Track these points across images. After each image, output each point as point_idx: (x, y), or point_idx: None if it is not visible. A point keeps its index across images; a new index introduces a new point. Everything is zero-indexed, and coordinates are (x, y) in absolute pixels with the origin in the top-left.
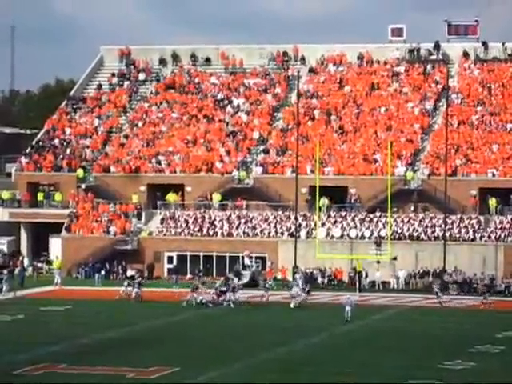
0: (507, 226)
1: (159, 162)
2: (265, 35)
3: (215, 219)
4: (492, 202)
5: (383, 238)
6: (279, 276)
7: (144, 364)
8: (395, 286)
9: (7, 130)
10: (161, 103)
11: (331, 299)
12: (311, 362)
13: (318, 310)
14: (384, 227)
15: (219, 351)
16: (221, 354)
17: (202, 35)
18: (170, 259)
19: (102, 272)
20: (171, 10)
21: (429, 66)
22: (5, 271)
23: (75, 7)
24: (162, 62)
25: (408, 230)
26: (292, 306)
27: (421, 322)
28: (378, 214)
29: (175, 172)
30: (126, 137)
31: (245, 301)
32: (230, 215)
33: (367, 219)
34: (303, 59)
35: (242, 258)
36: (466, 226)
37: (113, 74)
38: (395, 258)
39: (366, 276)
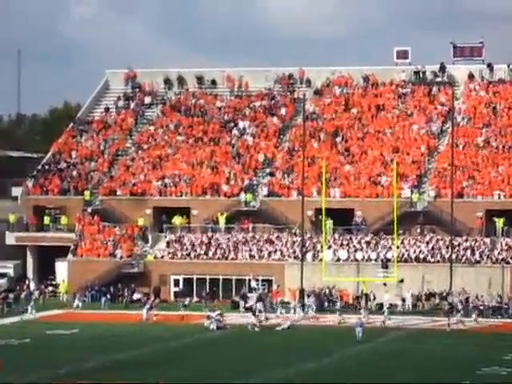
0: None
1: (165, 185)
2: (270, 58)
3: (221, 242)
4: (499, 222)
5: (390, 260)
6: (286, 299)
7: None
8: (402, 308)
9: (14, 154)
10: (166, 126)
11: (338, 321)
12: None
13: (324, 331)
14: (390, 249)
15: (227, 372)
16: (228, 375)
17: (207, 58)
18: (177, 282)
19: (108, 295)
20: (177, 32)
21: (434, 88)
22: (11, 295)
23: (81, 30)
24: (168, 84)
25: (414, 252)
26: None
27: (428, 344)
28: (384, 236)
29: (181, 195)
30: (132, 159)
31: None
32: (237, 238)
33: (373, 241)
34: (309, 81)
35: (249, 280)
36: (472, 248)
37: (118, 97)
38: (402, 281)
39: (374, 298)
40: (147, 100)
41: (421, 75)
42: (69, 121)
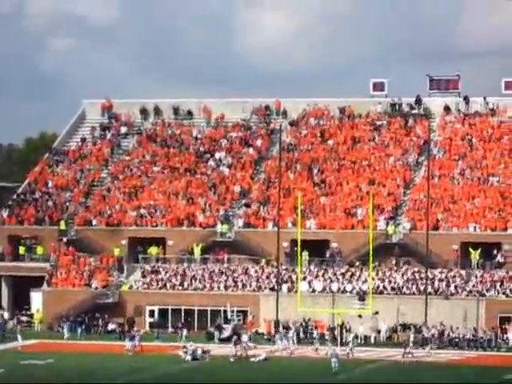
0: (489, 279)
1: (141, 215)
2: (247, 89)
3: (197, 273)
4: (474, 254)
5: (365, 291)
6: (260, 330)
7: None
8: (377, 340)
9: None
10: (143, 156)
11: (314, 353)
12: None
13: (301, 363)
14: (366, 281)
15: None
16: None
17: (183, 88)
18: (152, 313)
19: (83, 326)
20: (154, 63)
21: (410, 120)
22: None
23: (58, 62)
24: (144, 114)
25: (390, 283)
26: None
27: (402, 376)
28: (359, 267)
29: (157, 225)
30: (108, 190)
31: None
32: (212, 269)
33: (349, 273)
34: (285, 113)
35: (224, 311)
36: (447, 280)
37: (93, 128)
38: (377, 313)
39: (349, 330)
40: (123, 130)
41: (397, 107)
42: (45, 151)
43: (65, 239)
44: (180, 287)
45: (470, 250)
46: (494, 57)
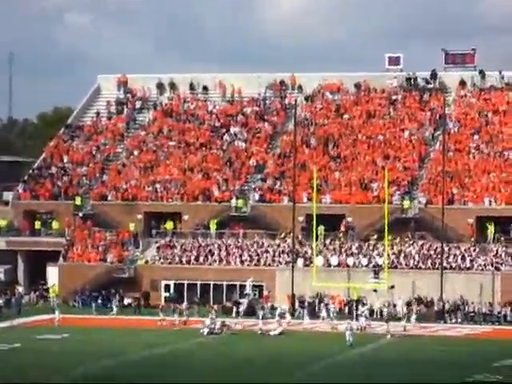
0: (504, 254)
1: (156, 190)
2: (262, 64)
3: (212, 247)
4: (490, 229)
5: (380, 266)
6: (276, 304)
7: None
8: (392, 314)
9: (5, 158)
10: (158, 131)
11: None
12: None
13: (315, 338)
14: (381, 256)
15: (214, 380)
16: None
17: (199, 63)
18: (167, 287)
19: (99, 300)
20: (168, 38)
21: (426, 95)
22: (0, 300)
23: (73, 36)
24: (160, 89)
25: (405, 258)
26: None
27: (417, 350)
28: (374, 242)
29: (172, 200)
30: (124, 165)
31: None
32: (228, 243)
33: (364, 248)
34: (300, 87)
35: (241, 286)
36: (463, 255)
37: (108, 103)
38: (393, 287)
39: (365, 304)
40: (139, 105)
41: (412, 82)
42: (60, 126)
43: (80, 214)
44: (195, 262)
45: (487, 224)
46: (510, 31)
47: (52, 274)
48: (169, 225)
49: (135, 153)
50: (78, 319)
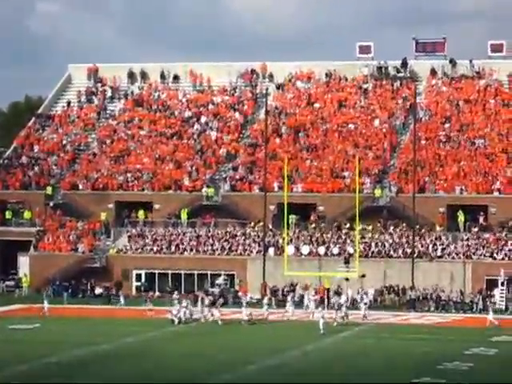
0: (475, 242)
1: (127, 180)
2: (233, 53)
3: (184, 237)
4: (461, 217)
5: (351, 255)
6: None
7: (113, 382)
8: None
9: None
10: (129, 121)
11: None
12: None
13: (287, 327)
14: (352, 244)
15: (187, 370)
16: (187, 374)
17: (170, 53)
18: (139, 277)
19: (70, 290)
20: (140, 27)
21: (397, 83)
22: None
23: (45, 26)
24: (131, 78)
25: (376, 246)
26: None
27: (389, 339)
28: (346, 231)
29: (143, 189)
30: (94, 154)
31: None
32: (199, 233)
33: (335, 236)
34: (271, 76)
35: (212, 275)
36: (434, 243)
37: (79, 92)
38: (363, 276)
39: (340, 294)
40: (109, 94)
41: (383, 70)
42: (30, 115)
43: (51, 204)
44: (167, 251)
45: (458, 213)
46: (480, 19)
47: (23, 263)
48: (140, 214)
49: (106, 142)
50: (49, 309)
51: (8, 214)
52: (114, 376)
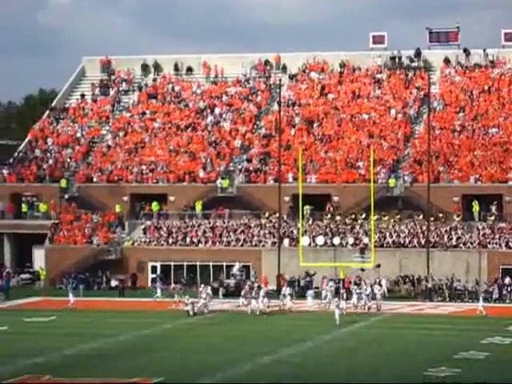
0: (490, 231)
1: (142, 172)
2: (246, 44)
3: (198, 228)
4: (476, 207)
5: (366, 245)
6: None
7: (128, 375)
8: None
9: None
10: (143, 113)
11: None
12: (294, 373)
13: (303, 318)
14: (367, 234)
15: (204, 362)
16: (205, 365)
17: (183, 45)
18: (154, 269)
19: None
20: (153, 20)
21: (410, 73)
22: None
23: (58, 18)
24: (144, 70)
25: (391, 237)
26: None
27: (404, 329)
28: (360, 221)
29: (158, 182)
30: (109, 147)
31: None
32: (214, 224)
33: (350, 227)
34: (285, 67)
35: (227, 266)
36: (449, 233)
37: (93, 85)
38: (379, 266)
39: (360, 284)
40: (123, 87)
41: (397, 60)
42: (44, 108)
43: (66, 196)
44: (182, 243)
45: (474, 202)
46: (493, 8)
47: (38, 256)
48: (155, 206)
49: (120, 134)
50: (65, 301)
51: (24, 208)
52: (128, 368)
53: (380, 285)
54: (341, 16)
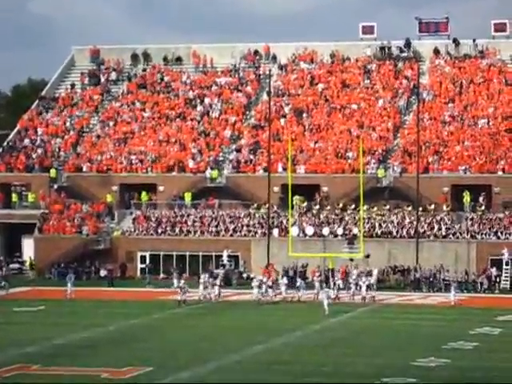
0: (479, 222)
1: (131, 162)
2: (236, 34)
3: (188, 218)
4: (466, 197)
5: (356, 235)
6: (252, 274)
7: (118, 364)
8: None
9: None
10: (132, 103)
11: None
12: (285, 361)
13: (294, 308)
14: (356, 225)
15: (193, 351)
16: (195, 354)
17: (173, 34)
18: (143, 259)
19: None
20: (143, 9)
21: (400, 64)
22: None
23: (47, 7)
24: (134, 60)
25: (380, 227)
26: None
27: (393, 319)
28: (350, 211)
29: (147, 172)
30: (98, 136)
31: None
32: (203, 214)
33: (339, 217)
34: (274, 57)
35: (217, 256)
36: (438, 223)
37: (83, 74)
38: (368, 256)
39: (348, 274)
40: (113, 76)
41: (386, 50)
42: (34, 97)
43: (56, 186)
44: (171, 233)
45: (464, 193)
46: None
47: (27, 246)
48: (144, 196)
49: (110, 124)
50: (54, 291)
51: (14, 197)
52: (118, 358)
53: (371, 275)
54: (330, 6)
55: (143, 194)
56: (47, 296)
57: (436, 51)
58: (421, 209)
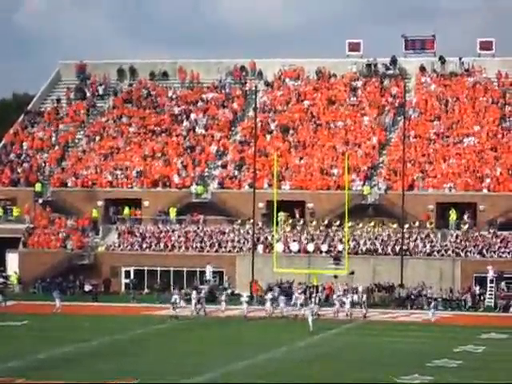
0: (464, 240)
1: (116, 177)
2: (222, 50)
3: (173, 234)
4: (452, 215)
5: (340, 252)
6: (236, 290)
7: (103, 377)
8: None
9: None
10: (118, 118)
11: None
12: (269, 378)
13: (276, 324)
14: (341, 242)
15: (179, 365)
16: (180, 368)
17: (159, 50)
18: (128, 274)
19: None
20: (129, 25)
21: (386, 81)
22: None
23: (34, 21)
24: (120, 75)
25: (365, 244)
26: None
27: (377, 336)
28: (335, 228)
29: (132, 187)
30: (84, 151)
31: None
32: (188, 230)
33: (324, 234)
34: (260, 74)
35: (201, 272)
36: (423, 241)
37: (68, 89)
38: (352, 273)
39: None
40: (99, 91)
41: (372, 68)
42: (18, 111)
43: (41, 201)
44: (156, 248)
45: (450, 211)
46: (469, 17)
47: (12, 260)
48: (129, 211)
49: (95, 139)
50: (38, 306)
51: None
52: (102, 372)
53: (356, 292)
54: (317, 23)
55: (126, 209)
56: (32, 311)
57: (422, 69)
58: (406, 226)
